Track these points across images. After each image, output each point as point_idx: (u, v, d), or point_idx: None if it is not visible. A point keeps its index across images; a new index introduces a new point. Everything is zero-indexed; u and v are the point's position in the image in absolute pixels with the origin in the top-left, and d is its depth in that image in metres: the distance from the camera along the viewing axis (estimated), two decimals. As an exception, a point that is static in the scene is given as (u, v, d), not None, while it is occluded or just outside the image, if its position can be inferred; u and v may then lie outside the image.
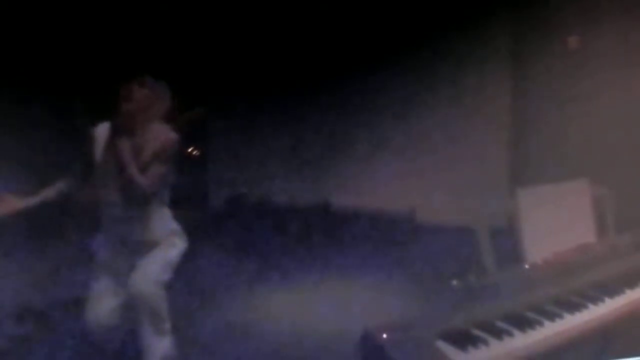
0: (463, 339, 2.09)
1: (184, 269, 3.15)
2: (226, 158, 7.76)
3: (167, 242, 3.07)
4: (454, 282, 2.25)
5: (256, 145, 7.61)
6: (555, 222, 2.57)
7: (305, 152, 7.35)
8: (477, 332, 2.14)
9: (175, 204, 3.18)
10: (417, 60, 6.06)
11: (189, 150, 7.46)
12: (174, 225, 3.13)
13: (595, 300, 2.40)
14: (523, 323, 2.21)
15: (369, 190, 6.54)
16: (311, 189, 7.21)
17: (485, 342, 2.09)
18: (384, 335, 1.97)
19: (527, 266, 2.47)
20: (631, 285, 2.53)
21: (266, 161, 7.62)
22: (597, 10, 4.74)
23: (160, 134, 2.97)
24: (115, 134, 2.88)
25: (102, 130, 2.99)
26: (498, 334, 2.14)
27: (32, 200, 2.91)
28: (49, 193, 2.97)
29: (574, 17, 4.93)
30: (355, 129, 6.91)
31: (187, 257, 3.19)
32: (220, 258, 5.48)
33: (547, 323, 2.24)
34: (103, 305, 2.92)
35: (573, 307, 2.35)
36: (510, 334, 2.15)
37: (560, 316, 2.28)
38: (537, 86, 5.22)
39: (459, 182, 5.53)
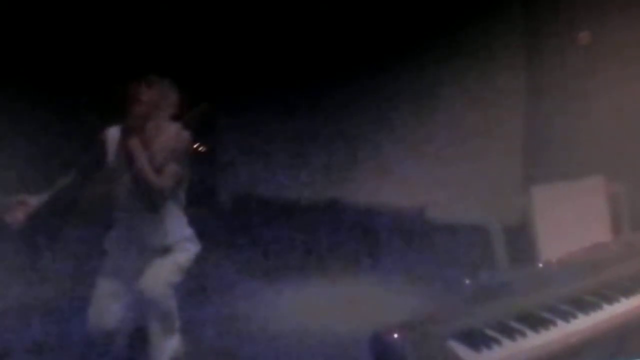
0: (475, 339, 2.07)
1: (191, 267, 3.15)
2: (234, 154, 7.77)
3: (180, 247, 3.06)
4: (467, 281, 2.22)
5: (264, 142, 7.61)
6: (570, 220, 2.54)
7: (314, 149, 7.34)
8: (489, 332, 2.12)
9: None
10: (428, 58, 6.03)
11: (196, 145, 7.47)
12: (189, 232, 3.13)
13: (610, 299, 2.37)
14: (536, 323, 2.18)
15: (380, 188, 6.52)
16: (320, 187, 7.20)
17: (498, 342, 2.07)
18: (395, 335, 1.95)
19: (540, 265, 2.44)
20: (647, 284, 2.49)
21: (274, 158, 7.62)
22: (609, 6, 4.70)
23: (171, 133, 2.97)
24: (126, 135, 2.88)
25: (113, 133, 3.00)
26: (511, 334, 2.11)
27: (43, 197, 2.92)
28: (55, 187, 2.98)
29: (585, 13, 4.89)
30: (366, 126, 6.89)
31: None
32: (227, 254, 5.49)
33: (561, 323, 2.21)
34: (108, 306, 2.92)
35: (587, 306, 2.31)
36: (523, 334, 2.12)
37: (575, 316, 2.25)
38: (550, 83, 5.19)
39: (472, 179, 5.50)
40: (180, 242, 3.07)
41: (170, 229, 3.02)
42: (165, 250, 3.01)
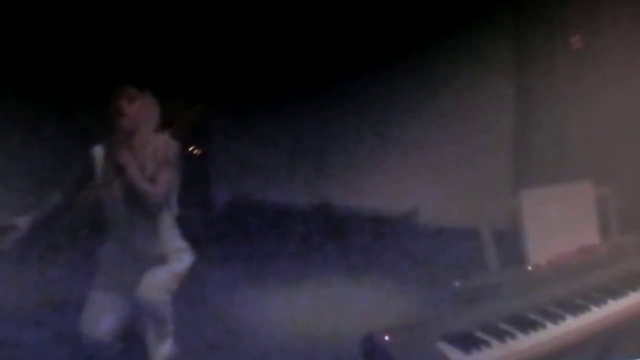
0: (465, 341, 2.08)
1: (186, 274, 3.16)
2: (227, 158, 7.76)
3: (175, 257, 3.08)
4: (457, 284, 2.24)
5: (257, 145, 7.61)
6: (559, 224, 2.57)
7: (307, 152, 7.35)
8: (479, 333, 2.14)
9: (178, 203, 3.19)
10: (419, 61, 6.06)
11: (190, 149, 7.48)
12: (182, 243, 3.15)
13: (599, 302, 2.40)
14: (526, 325, 2.20)
15: (372, 190, 6.53)
16: (313, 190, 7.20)
17: (487, 344, 2.09)
18: (386, 337, 1.96)
19: (530, 268, 2.46)
20: (634, 287, 2.52)
21: (267, 161, 7.62)
22: (600, 10, 4.73)
23: (159, 143, 2.99)
24: (115, 149, 2.90)
25: (99, 150, 3.02)
26: (501, 335, 2.13)
27: (32, 218, 2.94)
28: (45, 207, 3.00)
29: (576, 16, 4.92)
30: (357, 129, 6.91)
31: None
32: (220, 258, 5.48)
33: (550, 325, 2.23)
34: (102, 317, 2.94)
35: (576, 309, 2.34)
36: (513, 336, 2.14)
37: (563, 318, 2.28)
38: (540, 86, 5.22)
39: (462, 183, 5.52)
40: (175, 253, 3.08)
41: (164, 238, 3.04)
42: (160, 260, 3.02)
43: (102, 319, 2.94)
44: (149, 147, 2.97)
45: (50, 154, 5.49)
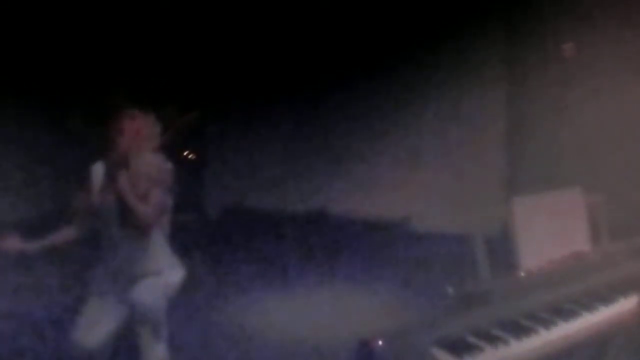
0: (458, 346, 2.10)
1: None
2: (222, 164, 7.77)
3: (167, 272, 3.11)
4: (450, 290, 2.26)
5: (252, 152, 7.62)
6: (550, 230, 2.59)
7: (301, 159, 7.36)
8: (472, 339, 2.16)
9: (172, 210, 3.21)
10: (412, 69, 6.09)
11: (185, 153, 7.50)
12: (173, 259, 3.18)
13: (590, 308, 2.42)
14: (518, 330, 2.22)
15: (366, 197, 6.55)
16: (308, 196, 7.21)
17: (480, 350, 2.11)
18: (380, 342, 1.98)
19: (522, 274, 2.48)
20: (625, 293, 2.54)
21: (262, 168, 7.63)
22: (592, 18, 4.76)
23: (154, 164, 3.03)
24: (112, 167, 2.96)
25: (97, 168, 3.06)
26: (493, 341, 2.15)
27: (36, 245, 2.97)
28: (55, 239, 3.04)
29: (568, 24, 4.96)
30: (351, 137, 6.93)
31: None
32: (215, 263, 5.49)
33: (542, 330, 2.25)
34: (95, 331, 2.97)
35: (567, 314, 2.36)
36: (505, 342, 2.16)
37: (555, 324, 2.30)
38: (532, 94, 5.25)
39: (455, 190, 5.55)
40: (167, 268, 3.12)
41: (155, 256, 3.07)
42: (153, 275, 3.06)
43: (96, 328, 2.98)
44: (144, 166, 3.02)
45: (51, 170, 5.50)
